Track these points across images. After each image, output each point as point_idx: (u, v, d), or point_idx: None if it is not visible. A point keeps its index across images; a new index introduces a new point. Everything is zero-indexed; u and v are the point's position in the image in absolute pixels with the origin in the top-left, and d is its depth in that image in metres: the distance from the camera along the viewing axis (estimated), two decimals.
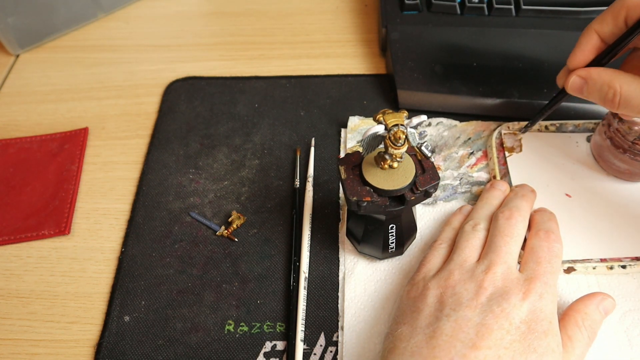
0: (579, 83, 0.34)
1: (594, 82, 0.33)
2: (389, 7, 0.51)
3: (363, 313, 0.35)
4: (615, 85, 0.31)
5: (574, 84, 0.34)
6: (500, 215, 0.34)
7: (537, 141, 0.42)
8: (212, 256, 0.39)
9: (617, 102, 0.32)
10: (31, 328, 0.36)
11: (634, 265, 0.35)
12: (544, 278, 0.30)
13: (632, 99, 0.31)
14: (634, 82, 0.31)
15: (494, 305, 0.29)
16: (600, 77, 0.32)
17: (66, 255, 0.40)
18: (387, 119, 0.28)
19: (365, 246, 0.35)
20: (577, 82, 0.34)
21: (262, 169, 0.43)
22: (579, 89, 0.34)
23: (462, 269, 0.31)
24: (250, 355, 0.34)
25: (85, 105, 0.50)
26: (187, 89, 0.50)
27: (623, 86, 0.31)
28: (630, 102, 0.31)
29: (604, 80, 0.32)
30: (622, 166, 0.39)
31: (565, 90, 0.35)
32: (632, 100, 0.31)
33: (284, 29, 0.56)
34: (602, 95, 0.32)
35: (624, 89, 0.31)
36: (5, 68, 0.53)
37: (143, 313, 0.36)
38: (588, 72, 0.33)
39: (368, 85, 0.49)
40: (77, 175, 0.44)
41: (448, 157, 0.43)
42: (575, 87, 0.34)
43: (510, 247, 0.32)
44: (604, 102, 0.33)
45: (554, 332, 0.29)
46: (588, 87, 0.33)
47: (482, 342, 0.27)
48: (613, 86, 0.32)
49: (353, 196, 0.29)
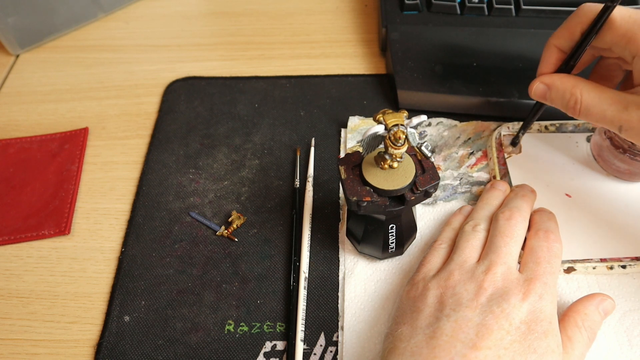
0: (542, 89, 0.35)
1: (556, 89, 0.33)
2: (389, 7, 0.51)
3: (363, 313, 0.35)
4: (576, 92, 0.32)
5: (537, 90, 0.35)
6: (500, 216, 0.34)
7: (537, 141, 0.42)
8: (212, 256, 0.39)
9: (578, 110, 0.32)
10: (31, 328, 0.36)
11: (634, 265, 0.35)
12: (543, 278, 0.30)
13: (592, 107, 0.31)
14: (594, 90, 0.31)
15: (494, 306, 0.29)
16: (562, 84, 0.33)
17: (66, 255, 0.40)
18: (387, 119, 0.28)
19: (365, 246, 0.35)
20: (541, 88, 0.35)
21: (262, 169, 0.43)
22: (542, 95, 0.35)
23: (462, 270, 0.31)
24: (250, 355, 0.34)
25: (85, 105, 0.50)
26: (187, 89, 0.50)
27: (584, 94, 0.32)
28: (590, 110, 0.31)
29: (566, 87, 0.33)
30: (622, 166, 0.39)
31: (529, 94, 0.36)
32: (592, 109, 0.31)
33: (284, 29, 0.56)
34: (564, 102, 0.33)
35: (584, 96, 0.32)
36: (5, 68, 0.53)
37: (143, 313, 0.36)
38: (551, 79, 0.34)
39: (368, 85, 0.49)
40: (77, 175, 0.44)
41: (448, 157, 0.43)
42: (539, 93, 0.35)
43: (511, 248, 0.32)
44: (566, 109, 0.33)
45: (554, 332, 0.29)
46: (551, 94, 0.34)
47: (482, 342, 0.27)
48: (574, 94, 0.32)
49: (353, 196, 0.29)
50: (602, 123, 0.32)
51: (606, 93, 0.31)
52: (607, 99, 0.31)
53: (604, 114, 0.31)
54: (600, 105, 0.31)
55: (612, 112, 0.30)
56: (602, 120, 0.31)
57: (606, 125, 0.31)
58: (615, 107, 0.30)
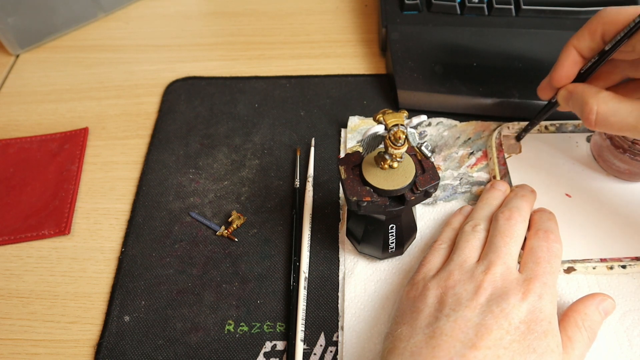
0: (566, 95, 0.35)
1: (575, 97, 0.34)
2: (389, 7, 0.51)
3: (363, 313, 0.35)
4: (592, 103, 0.32)
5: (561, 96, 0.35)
6: (500, 216, 0.34)
7: (537, 141, 0.42)
8: (212, 256, 0.39)
9: (593, 121, 0.32)
10: (31, 328, 0.36)
11: (634, 265, 0.35)
12: (543, 278, 0.30)
13: (610, 117, 0.31)
14: (611, 101, 0.31)
15: (493, 306, 0.29)
16: (580, 94, 0.33)
17: (66, 255, 0.40)
18: (387, 119, 0.28)
19: (365, 246, 0.35)
20: (564, 94, 0.35)
21: (262, 169, 0.43)
22: (564, 102, 0.35)
23: (461, 270, 0.31)
24: (250, 355, 0.34)
25: (85, 105, 0.50)
26: (187, 89, 0.50)
27: (600, 105, 0.31)
28: (608, 119, 0.31)
29: (583, 98, 0.33)
30: (622, 166, 0.39)
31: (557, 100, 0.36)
32: (610, 118, 0.31)
33: (284, 29, 0.56)
34: (580, 112, 0.33)
35: (601, 108, 0.31)
36: (5, 68, 0.53)
37: (143, 313, 0.36)
38: (575, 87, 0.34)
39: (368, 85, 0.49)
40: (77, 175, 0.44)
41: (448, 157, 0.43)
42: (562, 99, 0.35)
43: (510, 248, 0.32)
44: (582, 119, 0.33)
45: (554, 332, 0.29)
46: (572, 102, 0.34)
47: (481, 342, 0.27)
48: (589, 104, 0.32)
49: (353, 196, 0.29)
50: (623, 131, 0.31)
51: (624, 102, 0.31)
52: (625, 107, 0.31)
53: (624, 121, 0.31)
54: (620, 114, 0.31)
55: (634, 118, 0.30)
56: (624, 128, 0.31)
57: (629, 133, 0.31)
58: (636, 113, 0.30)
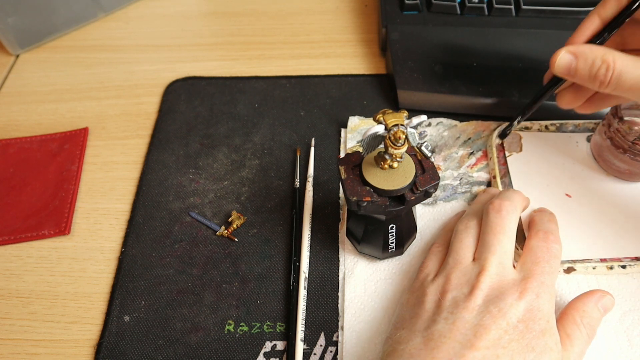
0: (568, 59, 0.31)
1: (585, 57, 0.31)
2: (389, 7, 0.51)
3: (363, 313, 0.35)
4: (609, 59, 0.30)
5: (562, 61, 0.31)
6: (490, 208, 0.33)
7: (537, 141, 0.42)
8: (212, 256, 0.39)
9: (608, 78, 0.30)
10: (31, 328, 0.36)
11: (634, 265, 0.35)
12: (540, 277, 0.30)
13: (625, 74, 0.29)
14: (628, 58, 0.30)
15: (490, 306, 0.29)
16: (592, 51, 0.30)
17: (66, 255, 0.40)
18: (387, 119, 0.28)
19: (365, 246, 0.35)
20: (566, 58, 0.31)
21: (262, 169, 0.43)
22: (566, 67, 0.32)
23: (457, 272, 0.31)
24: (250, 355, 0.34)
25: (85, 105, 0.50)
26: (187, 89, 0.50)
27: (617, 60, 0.30)
28: (622, 77, 0.29)
29: (596, 54, 0.30)
30: (622, 166, 0.39)
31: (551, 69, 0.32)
32: (624, 75, 0.29)
33: (284, 29, 0.56)
34: (593, 71, 0.30)
35: (617, 63, 0.29)
36: (5, 68, 0.53)
37: (143, 313, 0.36)
38: (578, 48, 0.31)
39: (368, 85, 0.49)
40: (77, 175, 0.44)
41: (448, 157, 0.43)
42: (564, 64, 0.31)
43: (504, 245, 0.32)
44: (593, 79, 0.31)
45: (552, 330, 0.29)
46: (578, 63, 0.31)
47: (480, 342, 0.27)
48: (607, 60, 0.30)
49: (353, 196, 0.29)
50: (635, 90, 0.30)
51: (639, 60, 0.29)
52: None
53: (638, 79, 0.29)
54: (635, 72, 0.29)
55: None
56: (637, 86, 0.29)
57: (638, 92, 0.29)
58: None
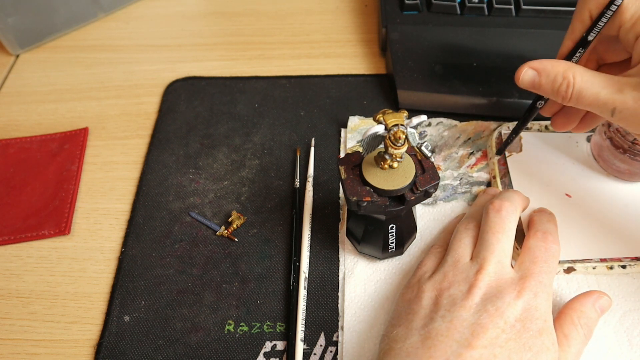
0: (531, 75, 0.32)
1: (547, 73, 0.32)
2: (389, 7, 0.51)
3: (363, 313, 0.35)
4: (569, 75, 0.30)
5: (525, 76, 0.33)
6: (490, 207, 0.34)
7: (537, 141, 0.42)
8: (212, 256, 0.39)
9: (569, 94, 0.30)
10: (31, 328, 0.36)
11: (634, 265, 0.35)
12: (539, 277, 0.30)
13: (584, 90, 0.30)
14: (587, 74, 0.30)
15: (488, 305, 0.29)
16: (554, 67, 0.31)
17: (66, 255, 0.40)
18: (387, 119, 0.28)
19: (365, 246, 0.35)
20: (529, 74, 0.32)
21: (262, 169, 0.43)
22: (530, 82, 0.33)
23: (455, 270, 0.31)
24: (250, 355, 0.34)
25: (85, 105, 0.50)
26: (187, 89, 0.50)
27: (577, 77, 0.30)
28: (582, 93, 0.30)
29: (557, 70, 0.31)
30: (622, 166, 0.39)
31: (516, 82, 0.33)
32: (584, 92, 0.30)
33: (284, 29, 0.56)
34: (555, 86, 0.31)
35: (577, 79, 0.30)
36: (5, 68, 0.53)
37: (143, 313, 0.36)
38: (541, 63, 0.32)
39: (368, 85, 0.49)
40: (77, 175, 0.44)
41: (448, 157, 0.43)
42: (527, 79, 0.33)
43: (503, 244, 0.32)
44: (556, 94, 0.31)
45: (549, 330, 0.29)
46: (540, 79, 0.32)
47: (477, 341, 0.27)
48: (567, 77, 0.30)
49: (353, 196, 0.29)
50: (594, 107, 0.30)
51: (599, 76, 0.30)
52: (600, 82, 0.30)
53: (597, 96, 0.30)
54: (594, 88, 0.30)
55: (606, 94, 0.29)
56: (595, 103, 0.30)
57: (598, 109, 0.30)
58: (609, 89, 0.29)
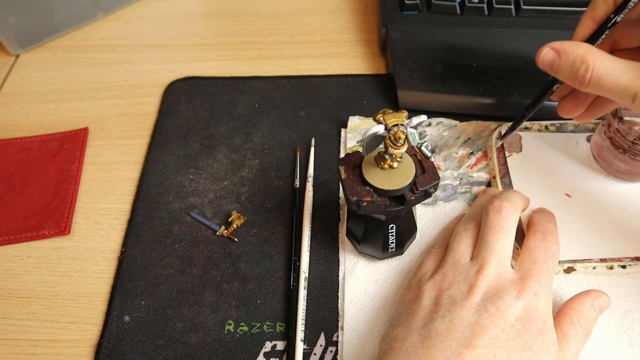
0: (551, 56, 0.32)
1: (567, 55, 0.31)
2: (389, 7, 0.51)
3: (363, 313, 0.35)
4: (588, 59, 0.30)
5: (545, 57, 0.32)
6: (490, 208, 0.33)
7: (537, 141, 0.42)
8: (212, 256, 0.39)
9: (587, 78, 0.30)
10: (31, 328, 0.36)
11: (634, 265, 0.35)
12: (539, 277, 0.30)
13: (604, 76, 0.29)
14: (608, 59, 0.30)
15: (488, 304, 0.29)
16: (574, 50, 0.30)
17: (66, 255, 0.40)
18: (387, 119, 0.28)
19: (365, 246, 0.35)
20: (549, 55, 0.32)
21: (262, 169, 0.43)
22: (549, 63, 0.32)
23: (455, 270, 0.31)
24: (250, 355, 0.34)
25: (85, 105, 0.50)
26: (187, 89, 0.50)
27: (597, 61, 0.29)
28: (601, 79, 0.29)
29: (577, 53, 0.30)
30: (622, 166, 0.39)
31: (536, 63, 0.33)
32: (604, 77, 0.29)
33: (284, 29, 0.56)
34: (573, 70, 0.30)
35: (597, 64, 0.29)
36: (5, 68, 0.53)
37: (143, 313, 0.36)
38: (562, 45, 0.31)
39: (368, 85, 0.49)
40: (77, 175, 0.44)
41: (448, 157, 0.43)
42: (547, 60, 0.32)
43: (503, 245, 0.32)
44: (574, 78, 0.31)
45: (549, 330, 0.29)
46: (559, 61, 0.31)
47: (477, 341, 0.27)
48: (586, 60, 0.30)
49: (353, 196, 0.29)
50: (614, 93, 0.30)
51: (620, 62, 0.29)
52: (622, 67, 0.29)
53: (618, 82, 0.29)
54: (615, 74, 0.29)
55: (628, 80, 0.29)
56: (616, 89, 0.29)
57: (618, 94, 0.29)
58: (631, 75, 0.29)
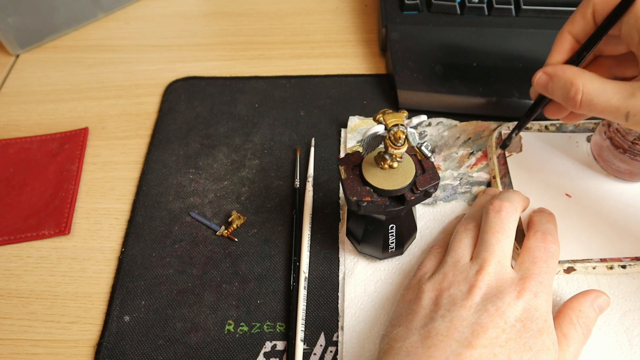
0: (544, 80, 0.34)
1: (558, 79, 0.32)
2: (389, 7, 0.51)
3: (363, 313, 0.35)
4: (578, 82, 0.31)
5: (539, 80, 0.34)
6: (490, 209, 0.34)
7: (537, 141, 0.42)
8: (212, 256, 0.39)
9: (578, 101, 0.31)
10: (31, 328, 0.36)
11: (634, 265, 0.35)
12: (539, 277, 0.30)
13: (595, 98, 0.30)
14: (596, 81, 0.31)
15: (488, 305, 0.29)
16: (564, 74, 0.32)
17: (66, 255, 0.40)
18: (387, 119, 0.28)
19: (365, 246, 0.35)
20: (543, 78, 0.34)
21: (262, 169, 0.43)
22: (544, 86, 0.34)
23: (455, 270, 0.31)
24: (250, 355, 0.34)
25: (85, 105, 0.50)
26: (187, 89, 0.50)
27: (586, 84, 0.31)
28: (592, 100, 0.30)
29: (567, 77, 0.32)
30: (622, 166, 0.39)
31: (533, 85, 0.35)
32: (595, 99, 0.30)
33: (284, 29, 0.56)
34: (564, 93, 0.32)
35: (587, 87, 0.31)
36: (5, 68, 0.53)
37: (143, 313, 0.36)
38: (554, 69, 0.33)
39: (368, 85, 0.49)
40: (77, 175, 0.44)
41: (448, 157, 0.43)
42: (541, 83, 0.34)
43: (503, 245, 0.32)
44: (566, 100, 0.32)
45: (549, 330, 0.29)
46: (552, 84, 0.33)
47: (477, 340, 0.27)
48: (575, 84, 0.31)
49: (353, 196, 0.29)
50: (606, 113, 0.30)
51: (610, 83, 0.30)
52: (611, 88, 0.30)
53: (609, 102, 0.30)
54: (605, 95, 0.30)
55: (618, 100, 0.30)
56: (607, 109, 0.30)
57: (611, 115, 0.30)
58: (620, 95, 0.29)
